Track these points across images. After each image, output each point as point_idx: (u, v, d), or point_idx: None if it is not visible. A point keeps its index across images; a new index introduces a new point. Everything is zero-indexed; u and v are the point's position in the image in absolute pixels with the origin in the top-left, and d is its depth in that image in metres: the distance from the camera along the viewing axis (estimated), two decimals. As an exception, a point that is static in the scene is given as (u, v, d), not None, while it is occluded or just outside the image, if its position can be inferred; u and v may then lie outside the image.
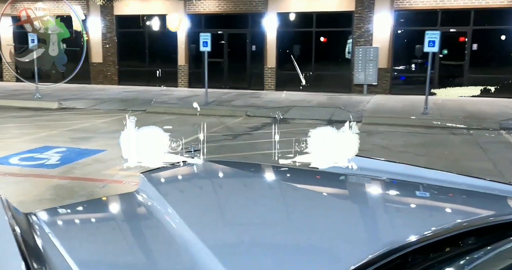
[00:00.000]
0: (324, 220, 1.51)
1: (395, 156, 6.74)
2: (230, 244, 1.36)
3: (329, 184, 2.13)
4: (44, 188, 5.05)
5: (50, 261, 1.27)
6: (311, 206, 1.69)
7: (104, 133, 8.31)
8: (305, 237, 1.38)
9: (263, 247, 1.33)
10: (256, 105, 11.87)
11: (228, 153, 6.82)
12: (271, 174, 2.29)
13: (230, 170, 2.24)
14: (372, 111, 10.75)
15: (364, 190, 2.13)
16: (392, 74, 14.65)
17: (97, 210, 1.91)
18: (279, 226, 1.50)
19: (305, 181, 2.16)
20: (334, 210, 1.66)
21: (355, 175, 2.16)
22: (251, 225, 1.50)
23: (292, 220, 1.58)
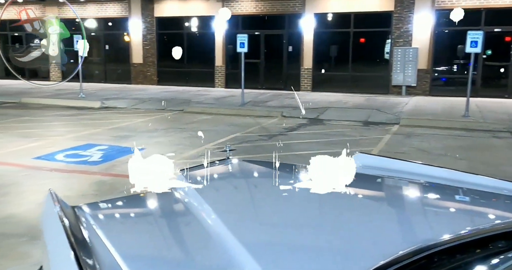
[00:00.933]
0: (353, 220, 1.54)
1: (434, 159, 6.59)
2: (264, 242, 1.39)
3: (358, 185, 2.16)
4: (87, 184, 5.29)
5: (96, 252, 1.36)
6: (341, 206, 1.72)
7: (144, 132, 8.57)
8: (334, 236, 1.41)
9: (296, 246, 1.37)
10: (292, 106, 11.88)
11: (263, 153, 6.88)
12: (304, 174, 2.33)
13: (264, 169, 2.30)
14: (410, 113, 10.53)
15: (393, 191, 2.14)
16: (432, 75, 14.29)
17: (137, 205, 2.01)
18: (311, 226, 1.54)
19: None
20: (363, 210, 1.68)
21: (383, 177, 2.17)
22: (285, 224, 1.54)
23: (323, 220, 1.61)
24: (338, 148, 7.84)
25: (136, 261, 1.34)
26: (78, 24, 18.62)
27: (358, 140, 7.97)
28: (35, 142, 7.58)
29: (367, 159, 2.48)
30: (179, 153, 6.83)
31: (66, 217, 1.50)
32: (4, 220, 4.18)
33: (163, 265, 1.33)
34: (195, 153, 6.86)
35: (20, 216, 4.26)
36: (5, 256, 3.46)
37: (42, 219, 1.72)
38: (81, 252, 1.24)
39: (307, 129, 9.18)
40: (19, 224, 4.06)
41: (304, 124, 9.74)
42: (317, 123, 9.89)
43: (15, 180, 5.42)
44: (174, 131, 8.68)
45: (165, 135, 8.28)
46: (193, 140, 7.86)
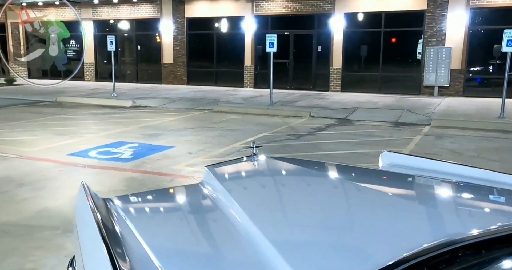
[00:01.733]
0: (379, 216, 1.54)
1: (465, 160, 6.43)
2: (292, 239, 1.40)
3: (384, 183, 2.14)
4: (118, 180, 5.43)
5: (126, 243, 1.41)
6: (367, 202, 1.72)
7: (173, 131, 8.72)
8: (360, 232, 1.42)
9: (324, 243, 1.37)
10: (320, 106, 11.82)
11: (291, 152, 6.88)
12: (331, 171, 2.33)
13: (291, 166, 2.31)
14: (442, 114, 10.29)
15: (418, 189, 2.12)
16: (466, 75, 13.90)
17: (166, 199, 2.06)
18: (337, 222, 1.54)
19: (364, 180, 2.18)
20: (388, 206, 1.68)
21: (409, 175, 2.15)
22: (312, 221, 1.55)
23: (349, 216, 1.61)
24: (367, 148, 7.79)
25: (166, 253, 1.37)
26: (112, 25, 19.12)
27: (388, 141, 7.86)
28: (70, 139, 7.83)
29: (394, 157, 2.47)
30: (207, 152, 6.92)
31: (98, 209, 1.56)
32: (40, 213, 4.34)
33: (192, 259, 1.35)
34: (223, 151, 6.93)
35: (55, 210, 4.42)
36: (41, 247, 3.60)
37: (75, 211, 1.79)
38: (112, 243, 1.28)
39: (335, 129, 9.11)
40: (54, 217, 4.22)
41: (332, 124, 9.68)
42: (346, 123, 9.81)
43: (51, 175, 5.63)
44: (202, 130, 8.79)
45: (194, 134, 8.40)
46: (221, 139, 7.94)
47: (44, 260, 3.38)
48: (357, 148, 7.19)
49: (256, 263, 1.25)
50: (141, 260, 1.31)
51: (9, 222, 4.14)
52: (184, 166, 6.04)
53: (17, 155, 6.62)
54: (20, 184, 5.21)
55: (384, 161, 2.46)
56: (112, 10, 19.13)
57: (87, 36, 16.61)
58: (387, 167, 2.39)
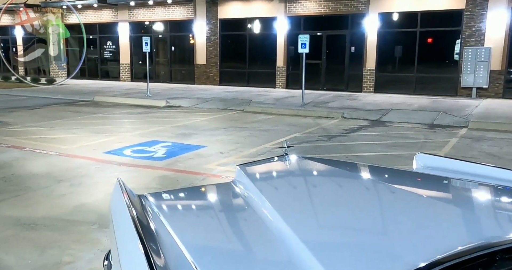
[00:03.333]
0: (412, 218, 1.51)
1: (504, 164, 6.18)
2: (324, 241, 1.39)
3: (418, 185, 2.11)
4: (152, 178, 5.55)
5: (160, 238, 1.44)
6: (402, 205, 1.69)
7: (205, 130, 8.82)
8: (393, 233, 1.40)
9: (357, 244, 1.35)
10: (352, 107, 11.67)
11: (322, 153, 6.84)
12: (364, 172, 2.31)
13: (323, 166, 2.31)
14: (480, 116, 9.97)
15: (452, 191, 2.07)
16: (506, 76, 13.41)
17: (198, 197, 2.10)
18: (370, 224, 1.53)
19: (397, 181, 2.15)
20: (421, 208, 1.65)
21: (443, 177, 2.10)
22: (344, 222, 1.54)
23: (382, 218, 1.60)
24: (400, 150, 7.64)
25: (199, 250, 1.39)
26: (147, 26, 19.54)
27: (423, 143, 7.68)
28: (106, 137, 8.06)
29: (429, 159, 2.43)
30: (239, 151, 6.96)
31: (133, 205, 1.60)
32: (77, 209, 4.49)
33: (224, 256, 1.36)
34: (254, 151, 6.96)
35: (91, 205, 4.56)
36: (78, 241, 3.73)
37: (111, 206, 1.84)
38: (147, 239, 1.31)
39: (368, 130, 8.98)
40: (90, 213, 4.36)
41: (365, 125, 9.54)
42: (379, 125, 9.65)
43: (88, 172, 5.81)
44: (234, 130, 8.86)
45: (225, 134, 8.47)
46: (252, 139, 7.97)
47: (81, 254, 3.49)
48: (390, 150, 7.06)
49: (288, 263, 1.25)
50: (175, 256, 1.33)
51: (48, 216, 4.30)
52: (216, 166, 6.10)
53: (57, 152, 6.87)
54: (59, 180, 5.41)
55: (418, 163, 2.42)
56: (147, 12, 19.54)
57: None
58: (421, 169, 2.35)
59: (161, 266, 1.20)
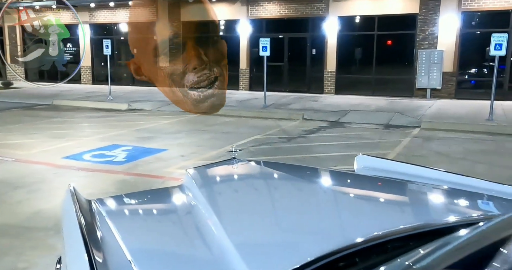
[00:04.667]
0: (331, 215, 1.69)
1: (452, 163, 6.60)
2: (250, 240, 1.52)
3: (350, 185, 2.31)
4: (111, 183, 5.57)
5: (105, 242, 1.54)
6: (324, 203, 1.87)
7: (167, 134, 8.86)
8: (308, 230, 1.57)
9: (274, 242, 1.49)
10: (313, 108, 11.98)
11: (281, 155, 7.04)
12: (302, 174, 2.48)
13: (264, 169, 2.46)
14: (432, 116, 10.46)
15: (384, 191, 2.26)
16: (458, 78, 14.10)
17: (146, 201, 2.21)
18: (295, 223, 1.68)
19: (329, 182, 2.34)
20: (343, 206, 1.83)
21: (376, 177, 2.30)
22: (272, 222, 1.69)
23: (303, 217, 1.75)
24: (356, 150, 7.94)
25: (140, 253, 1.49)
26: (108, 28, 19.28)
27: (377, 143, 8.02)
28: (65, 142, 7.97)
29: (368, 160, 2.61)
30: (199, 154, 7.07)
31: (82, 211, 1.70)
32: (34, 215, 4.49)
33: (162, 257, 1.48)
34: (214, 154, 7.08)
35: (48, 212, 4.56)
36: (34, 247, 3.75)
37: (61, 213, 1.94)
38: (91, 243, 1.42)
39: (327, 131, 9.27)
40: (47, 219, 4.36)
41: (324, 127, 9.84)
42: (337, 126, 9.97)
43: (46, 178, 5.77)
44: (196, 133, 8.94)
45: (187, 137, 8.54)
46: (213, 141, 8.09)
47: (36, 260, 3.52)
48: (346, 151, 7.34)
49: (215, 262, 1.39)
50: (117, 259, 1.44)
51: (5, 223, 4.28)
52: (176, 169, 6.19)
53: (13, 158, 6.76)
54: (16, 187, 5.36)
55: (358, 164, 2.61)
56: (109, 14, 19.28)
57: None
58: (361, 170, 2.54)
59: (101, 262, 1.31)
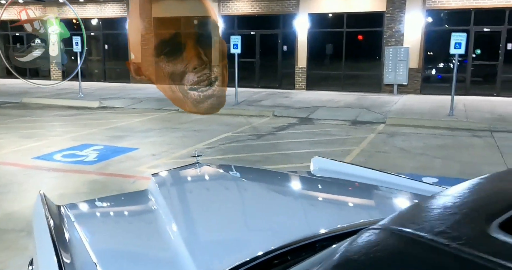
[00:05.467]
0: (279, 216, 1.90)
1: (412, 158, 6.95)
2: (201, 240, 1.72)
3: (303, 187, 2.53)
4: (82, 183, 5.67)
5: (72, 245, 1.72)
6: (273, 205, 2.08)
7: (138, 132, 8.95)
8: (253, 229, 1.77)
9: (222, 241, 1.69)
10: (284, 105, 12.24)
11: (251, 152, 7.25)
12: (257, 177, 2.69)
13: (225, 173, 2.66)
14: (397, 112, 10.88)
15: (333, 192, 2.48)
16: (423, 74, 14.62)
17: (113, 205, 2.38)
18: (242, 223, 1.88)
19: (282, 184, 2.56)
20: (290, 207, 2.04)
21: (325, 179, 2.53)
22: (223, 223, 1.89)
23: (250, 217, 1.96)
24: (322, 147, 8.23)
25: (103, 254, 1.67)
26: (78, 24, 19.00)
27: (344, 140, 8.33)
28: (35, 142, 7.97)
29: (322, 162, 2.83)
30: (170, 153, 7.21)
31: (52, 215, 1.87)
32: (6, 217, 4.56)
33: (124, 258, 1.65)
34: (185, 152, 7.23)
35: (20, 213, 4.64)
36: (7, 248, 3.85)
37: (32, 217, 2.09)
38: (60, 246, 1.59)
39: (296, 128, 9.54)
40: (19, 220, 4.45)
41: (293, 123, 10.10)
42: (306, 122, 10.25)
43: (16, 179, 5.81)
44: (167, 131, 9.06)
45: (158, 135, 8.66)
46: (185, 140, 8.23)
47: (9, 261, 3.63)
48: (313, 148, 7.62)
49: (169, 262, 1.58)
50: (84, 261, 1.62)
51: (-26, 226, 4.35)
52: (147, 168, 6.32)
53: (-18, 159, 6.75)
54: (-15, 189, 5.39)
55: (314, 165, 2.83)
56: (78, 9, 18.99)
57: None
58: (316, 171, 2.77)
59: (68, 263, 1.49)
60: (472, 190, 1.00)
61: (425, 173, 6.03)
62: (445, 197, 0.96)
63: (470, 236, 0.71)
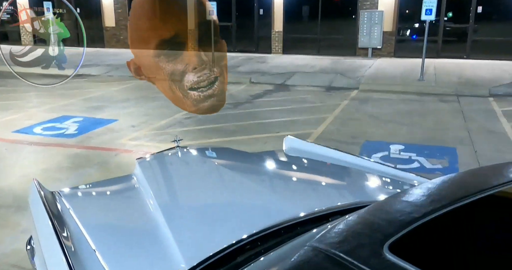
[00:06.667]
0: (253, 197, 2.18)
1: (381, 125, 7.32)
2: (183, 221, 1.97)
3: (281, 166, 2.80)
4: (64, 157, 5.85)
5: (69, 227, 1.98)
6: (249, 186, 2.35)
7: (116, 102, 9.04)
8: (228, 211, 2.05)
9: (206, 222, 1.97)
10: (261, 71, 12.37)
11: (228, 122, 7.49)
12: (230, 159, 2.95)
13: (203, 157, 2.92)
14: (370, 77, 11.18)
15: (305, 172, 2.77)
16: (396, 37, 14.84)
17: (101, 190, 2.63)
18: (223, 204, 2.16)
19: (255, 165, 2.82)
20: (263, 188, 2.32)
21: (297, 160, 2.80)
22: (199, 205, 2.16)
23: (228, 199, 2.23)
24: (298, 116, 8.55)
25: (96, 234, 1.90)
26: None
27: (319, 107, 8.62)
28: (13, 114, 8.01)
29: (294, 142, 3.07)
30: (149, 124, 7.39)
31: (47, 202, 2.11)
32: (-7, 193, 4.76)
33: (114, 238, 1.90)
34: (164, 123, 7.43)
35: (7, 189, 4.84)
36: (0, 226, 4.09)
37: (29, 203, 2.33)
38: (58, 226, 1.85)
39: (273, 95, 9.76)
40: (6, 196, 4.65)
41: (270, 90, 10.31)
42: (283, 89, 10.47)
43: (-2, 154, 5.95)
44: (145, 101, 9.17)
45: (136, 105, 8.77)
46: (163, 109, 8.38)
47: (2, 237, 3.88)
48: (289, 116, 7.90)
49: (164, 248, 1.82)
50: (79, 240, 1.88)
51: (-36, 203, 4.54)
52: (128, 140, 6.51)
53: (-39, 134, 6.81)
54: (-31, 165, 5.53)
55: (286, 145, 3.08)
56: None
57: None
58: (288, 150, 3.02)
59: (71, 249, 1.75)
60: (376, 210, 1.26)
61: (392, 140, 6.41)
62: (357, 219, 1.22)
63: (367, 256, 0.99)
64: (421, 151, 5.87)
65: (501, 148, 6.01)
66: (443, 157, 5.65)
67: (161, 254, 1.73)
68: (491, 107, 8.47)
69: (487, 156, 5.68)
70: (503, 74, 11.46)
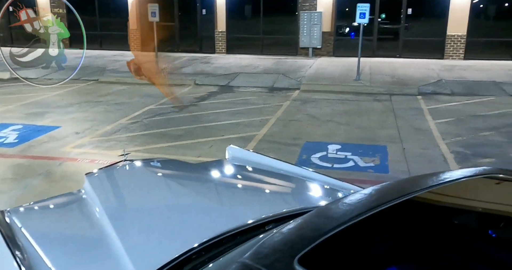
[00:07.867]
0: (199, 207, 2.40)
1: (321, 125, 7.75)
2: (133, 233, 2.16)
3: (225, 175, 3.02)
4: (6, 167, 5.74)
5: (21, 243, 2.10)
6: (204, 197, 2.54)
7: (58, 107, 8.86)
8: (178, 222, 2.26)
9: (157, 233, 2.16)
10: (205, 72, 12.51)
11: (174, 126, 7.61)
12: (179, 171, 3.15)
13: (151, 170, 3.09)
14: (310, 78, 11.67)
15: (247, 180, 3.01)
16: (335, 37, 15.51)
17: (52, 206, 2.74)
18: (165, 217, 2.36)
19: (200, 176, 3.03)
20: (209, 197, 2.54)
21: (240, 166, 3.03)
22: (148, 218, 2.34)
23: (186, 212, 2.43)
24: (242, 118, 8.85)
25: (47, 251, 2.01)
26: None
27: (262, 109, 8.93)
28: None
29: (236, 151, 3.30)
30: (94, 130, 7.36)
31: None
32: None
33: (67, 254, 2.02)
34: (109, 129, 7.43)
35: None
36: None
37: None
38: (11, 244, 1.99)
39: (217, 97, 9.97)
40: None
41: (215, 92, 10.51)
42: (227, 90, 10.70)
43: None
44: (89, 105, 9.07)
45: (80, 110, 8.66)
46: (108, 114, 8.35)
47: None
48: (234, 118, 8.14)
49: (115, 260, 1.99)
50: (32, 256, 2.01)
51: None
52: (72, 148, 6.48)
53: None
54: None
55: (229, 154, 3.29)
56: None
57: None
58: (231, 159, 3.23)
59: (25, 264, 1.89)
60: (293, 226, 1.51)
61: (330, 140, 6.85)
62: (278, 234, 1.46)
63: (282, 268, 1.25)
64: (356, 150, 6.34)
65: (426, 145, 6.61)
66: (375, 155, 6.15)
67: (114, 267, 1.91)
68: (419, 105, 9.18)
69: (414, 153, 6.24)
70: (431, 73, 12.36)
